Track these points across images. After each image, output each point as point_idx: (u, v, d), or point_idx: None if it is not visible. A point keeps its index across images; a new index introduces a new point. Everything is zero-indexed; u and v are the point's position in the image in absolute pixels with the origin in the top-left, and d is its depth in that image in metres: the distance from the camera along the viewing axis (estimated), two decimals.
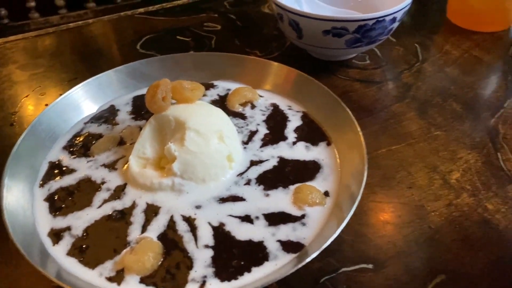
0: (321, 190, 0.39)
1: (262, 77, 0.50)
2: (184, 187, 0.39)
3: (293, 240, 0.35)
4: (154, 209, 0.38)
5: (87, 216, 0.37)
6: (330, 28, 0.51)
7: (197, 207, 0.38)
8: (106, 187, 0.40)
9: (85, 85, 0.48)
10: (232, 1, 0.74)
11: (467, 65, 0.59)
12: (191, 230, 0.36)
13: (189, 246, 0.35)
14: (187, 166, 0.38)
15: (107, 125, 0.46)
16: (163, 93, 0.39)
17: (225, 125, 0.41)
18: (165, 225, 0.37)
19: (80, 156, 0.43)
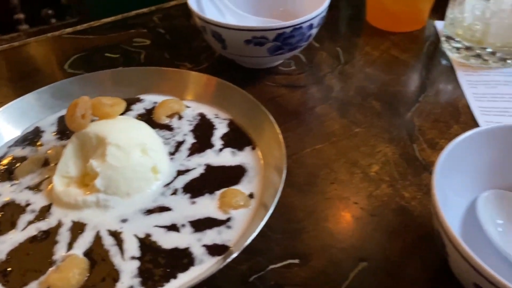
0: (246, 193, 0.40)
1: (188, 88, 0.52)
2: (109, 202, 0.39)
3: (218, 243, 0.37)
4: (79, 227, 0.38)
5: (10, 240, 0.37)
6: (251, 37, 0.53)
7: (123, 220, 0.38)
8: (30, 209, 0.39)
9: (8, 109, 0.48)
10: (162, 16, 0.75)
11: (386, 65, 0.63)
12: (117, 243, 0.37)
13: (115, 259, 0.35)
14: (110, 181, 0.39)
15: (31, 147, 0.46)
16: (82, 110, 0.40)
17: (147, 137, 0.42)
18: (90, 241, 0.37)
19: (4, 180, 0.42)
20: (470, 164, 0.39)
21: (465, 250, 0.29)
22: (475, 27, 0.59)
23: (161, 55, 0.65)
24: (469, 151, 0.38)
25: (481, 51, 0.61)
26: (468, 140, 0.37)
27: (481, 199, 0.39)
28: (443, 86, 0.58)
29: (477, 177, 0.40)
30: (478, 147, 0.38)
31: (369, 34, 0.69)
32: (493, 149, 0.39)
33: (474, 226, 0.38)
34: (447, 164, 0.36)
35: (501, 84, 0.58)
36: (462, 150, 0.37)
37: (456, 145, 0.36)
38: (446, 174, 0.36)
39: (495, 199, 0.39)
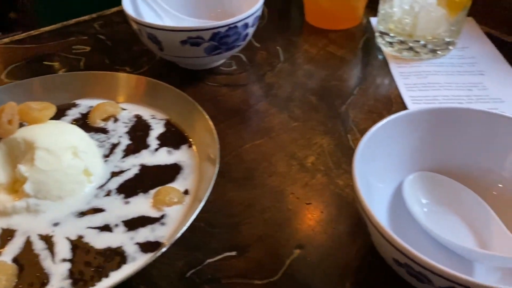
0: (180, 190, 0.41)
1: (124, 91, 0.51)
2: (40, 207, 0.38)
3: (151, 240, 0.37)
4: (9, 233, 0.37)
5: None
6: (186, 38, 0.54)
7: (55, 224, 0.38)
8: None
9: None
10: (102, 22, 0.74)
11: (323, 61, 0.64)
12: (48, 247, 0.36)
13: (45, 263, 0.35)
14: (41, 185, 0.38)
15: None
16: (8, 116, 0.39)
17: (79, 140, 0.42)
18: (20, 247, 0.36)
19: None
20: (394, 148, 0.41)
21: (380, 226, 0.30)
22: (404, 21, 0.62)
23: (101, 60, 0.65)
24: (390, 137, 0.40)
25: (414, 44, 0.63)
26: (388, 126, 0.39)
27: (407, 181, 0.41)
28: (377, 79, 0.61)
29: (403, 161, 0.42)
30: (399, 132, 0.40)
31: (308, 33, 0.71)
32: (415, 133, 0.41)
33: (402, 208, 0.40)
34: (368, 150, 0.37)
35: (431, 74, 0.61)
36: (382, 136, 0.39)
37: (375, 132, 0.38)
38: (369, 159, 0.37)
39: (420, 180, 0.41)
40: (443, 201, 0.40)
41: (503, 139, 0.39)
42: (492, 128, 0.39)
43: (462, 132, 0.40)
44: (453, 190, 0.40)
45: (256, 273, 0.38)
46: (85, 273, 0.34)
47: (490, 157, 0.40)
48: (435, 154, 0.42)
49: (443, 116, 0.40)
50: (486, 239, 0.37)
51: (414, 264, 0.29)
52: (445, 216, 0.39)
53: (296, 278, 0.38)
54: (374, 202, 0.37)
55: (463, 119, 0.40)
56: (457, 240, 0.36)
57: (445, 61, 0.63)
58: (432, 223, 0.38)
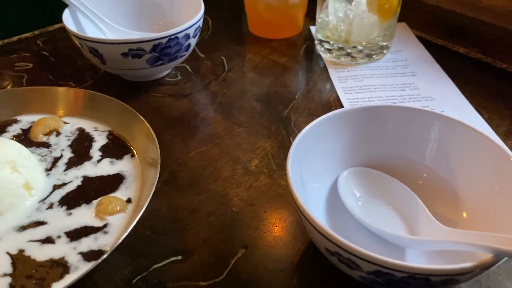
0: (123, 198, 0.41)
1: (65, 105, 0.52)
2: None
3: (94, 249, 0.37)
4: None
5: None
6: (127, 50, 0.55)
7: None
8: None
9: None
10: (46, 39, 0.74)
11: (266, 69, 0.67)
12: None
13: None
14: None
15: None
16: None
17: (17, 155, 0.41)
18: None
19: None
20: (327, 147, 0.43)
21: (310, 216, 0.32)
22: (340, 28, 0.65)
23: (44, 77, 0.65)
24: (321, 136, 0.42)
25: (351, 49, 0.67)
26: (318, 127, 0.41)
27: (341, 177, 0.43)
28: (318, 84, 0.63)
29: (337, 159, 0.44)
30: (330, 131, 0.42)
31: (251, 42, 0.74)
32: (345, 131, 0.44)
33: (340, 204, 0.42)
34: (301, 149, 0.39)
35: (367, 77, 0.64)
36: (314, 136, 0.41)
37: (307, 132, 0.40)
38: (303, 157, 0.39)
39: (353, 175, 0.44)
40: (376, 194, 0.42)
41: (421, 131, 0.42)
42: (410, 122, 0.42)
43: (386, 127, 0.43)
44: (384, 182, 0.42)
45: (201, 275, 0.39)
46: (26, 286, 0.34)
47: (412, 149, 0.43)
48: (366, 150, 0.44)
49: (369, 113, 0.42)
50: (415, 226, 0.39)
51: (342, 251, 0.31)
52: (378, 207, 0.42)
53: (241, 277, 0.39)
54: (310, 200, 0.39)
55: (386, 115, 0.42)
56: (389, 228, 0.38)
57: (380, 65, 0.67)
58: (366, 214, 0.41)
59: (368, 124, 0.43)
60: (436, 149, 0.41)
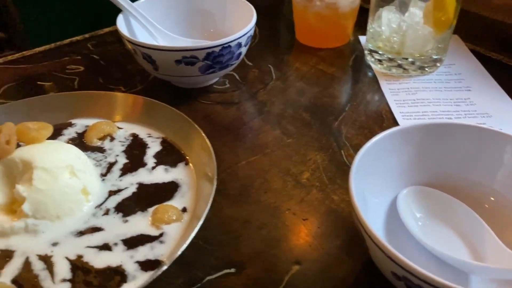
0: (178, 208, 0.41)
1: (120, 110, 0.52)
2: (39, 227, 0.38)
3: (151, 258, 0.37)
4: (7, 254, 0.37)
5: None
6: (181, 57, 0.55)
7: (54, 244, 0.38)
8: None
9: None
10: (96, 43, 0.75)
11: (314, 78, 0.66)
12: (47, 267, 0.36)
13: (45, 284, 0.35)
14: (38, 205, 0.38)
15: None
16: (6, 136, 0.39)
17: (75, 160, 0.42)
18: (19, 267, 0.36)
19: None
20: (388, 164, 0.42)
21: (379, 240, 0.31)
22: (392, 39, 0.64)
23: (95, 80, 0.66)
24: (383, 152, 0.40)
25: (402, 61, 0.65)
26: (381, 142, 0.40)
27: (401, 196, 0.42)
28: (368, 96, 0.62)
29: (397, 176, 0.43)
30: (392, 148, 0.41)
31: (299, 51, 0.73)
32: (407, 148, 0.42)
33: (397, 222, 0.41)
34: (363, 165, 0.38)
35: (420, 90, 0.62)
36: (376, 151, 0.40)
37: (370, 148, 0.39)
38: (364, 174, 0.38)
39: (413, 195, 0.42)
40: (437, 215, 0.41)
41: (492, 153, 0.40)
42: (481, 142, 0.40)
43: (452, 146, 0.41)
44: (446, 203, 0.41)
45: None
46: None
47: (480, 171, 0.41)
48: (427, 169, 0.43)
49: (434, 131, 0.41)
50: (481, 251, 0.38)
51: (412, 277, 0.30)
52: (439, 229, 0.40)
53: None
54: (369, 217, 0.38)
55: (453, 133, 0.41)
56: (452, 252, 0.37)
57: (433, 78, 0.65)
58: (427, 236, 0.39)
59: (433, 142, 0.41)
60: (509, 173, 0.40)
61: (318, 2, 0.68)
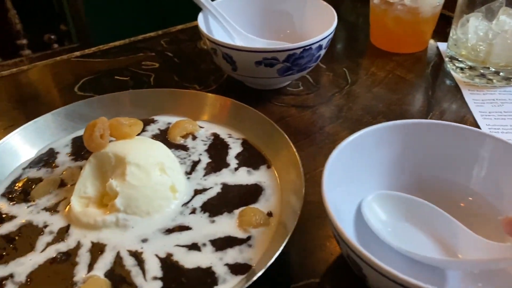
0: (264, 211, 0.41)
1: (200, 109, 0.52)
2: (129, 222, 0.39)
3: (240, 262, 0.36)
4: (99, 247, 0.38)
5: (30, 262, 0.37)
6: (261, 59, 0.54)
7: (143, 240, 0.38)
8: (49, 230, 0.39)
9: (22, 130, 0.48)
10: (169, 40, 0.76)
11: (392, 84, 0.64)
12: (139, 263, 0.36)
13: (137, 280, 0.35)
14: (130, 200, 0.39)
15: (46, 168, 0.46)
16: (100, 131, 0.40)
17: (165, 157, 0.42)
18: (111, 261, 0.36)
19: (20, 202, 0.42)
20: (361, 168, 0.41)
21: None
22: (479, 47, 0.61)
23: (170, 77, 0.66)
24: (356, 156, 0.40)
25: (485, 70, 0.62)
26: (352, 146, 0.40)
27: (365, 202, 0.40)
28: (450, 105, 0.59)
29: (369, 180, 0.41)
30: (366, 151, 0.41)
31: (374, 55, 0.71)
32: (382, 150, 0.41)
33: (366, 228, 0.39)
34: (334, 171, 0.38)
35: (507, 103, 0.59)
36: (348, 156, 0.39)
37: (340, 152, 0.39)
38: (336, 180, 0.37)
39: (379, 200, 0.40)
40: (406, 217, 0.40)
41: (468, 152, 0.39)
42: (458, 142, 0.40)
43: (428, 146, 0.41)
44: (413, 205, 0.39)
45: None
46: None
47: (456, 171, 0.40)
48: (403, 171, 0.42)
49: (409, 130, 0.41)
50: (454, 247, 0.37)
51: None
52: (410, 231, 0.39)
53: None
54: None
55: (429, 133, 0.40)
56: (425, 252, 0.36)
57: None
58: (397, 239, 0.37)
59: (407, 143, 0.41)
60: (485, 172, 0.39)
61: (399, 6, 0.65)
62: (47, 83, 0.68)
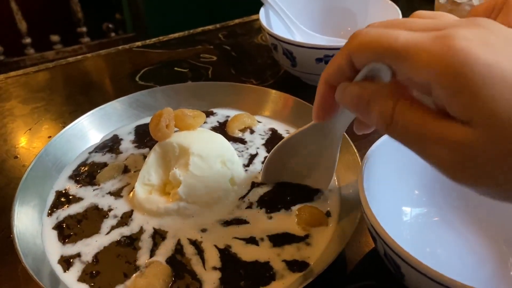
0: (323, 211, 0.40)
1: (259, 104, 0.52)
2: (189, 211, 0.40)
3: (298, 259, 0.36)
4: (161, 234, 0.39)
5: (96, 243, 0.38)
6: (322, 56, 0.54)
7: (203, 230, 0.39)
8: (113, 214, 0.41)
9: (90, 116, 0.50)
10: (226, 33, 0.77)
11: None
12: (198, 253, 0.37)
13: (197, 269, 0.36)
14: (192, 190, 0.39)
15: (111, 154, 0.47)
16: (166, 121, 0.41)
17: (226, 150, 0.43)
18: (172, 249, 0.38)
19: (86, 185, 0.44)
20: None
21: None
22: None
23: (227, 71, 0.67)
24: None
25: None
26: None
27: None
28: None
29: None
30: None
31: None
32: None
33: None
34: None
35: None
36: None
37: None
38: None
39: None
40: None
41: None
42: None
43: None
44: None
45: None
46: (235, 284, 0.35)
47: None
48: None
49: None
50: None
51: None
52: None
53: None
54: None
55: None
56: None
57: None
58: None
59: None
60: None
61: (467, 6, 0.63)
62: (109, 72, 0.71)
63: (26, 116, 0.60)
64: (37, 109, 0.61)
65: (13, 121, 0.59)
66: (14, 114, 0.60)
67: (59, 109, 0.61)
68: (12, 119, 0.59)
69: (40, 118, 0.59)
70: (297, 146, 0.40)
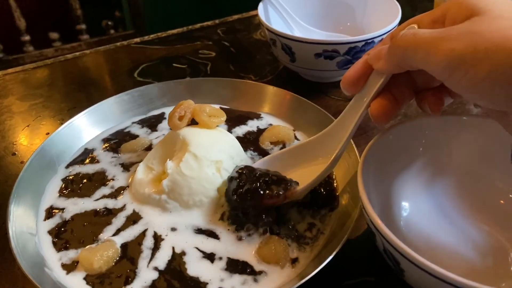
0: (288, 251, 0.37)
1: (258, 100, 0.52)
2: (169, 206, 0.39)
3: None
4: (135, 218, 0.39)
5: (82, 205, 0.40)
6: (321, 51, 0.53)
7: (172, 229, 0.39)
8: (111, 185, 0.43)
9: (88, 113, 0.50)
10: (225, 29, 0.76)
11: None
12: (153, 248, 0.37)
13: (141, 263, 0.36)
14: (176, 186, 0.39)
15: (148, 129, 0.49)
16: (181, 112, 0.42)
17: (228, 157, 0.41)
18: (135, 235, 0.38)
19: (110, 150, 0.46)
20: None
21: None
22: None
23: (226, 67, 0.67)
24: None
25: None
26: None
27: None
28: None
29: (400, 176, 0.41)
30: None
31: None
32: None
33: None
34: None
35: None
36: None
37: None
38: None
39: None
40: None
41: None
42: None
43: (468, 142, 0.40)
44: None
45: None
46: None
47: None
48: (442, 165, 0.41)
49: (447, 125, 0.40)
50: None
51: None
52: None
53: None
54: None
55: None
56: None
57: None
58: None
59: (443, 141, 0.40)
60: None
61: None
62: (107, 68, 0.71)
63: (24, 113, 0.60)
64: (36, 106, 0.61)
65: (11, 118, 0.59)
66: (12, 111, 0.60)
67: (58, 105, 0.61)
68: (10, 116, 0.59)
69: (39, 114, 0.59)
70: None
